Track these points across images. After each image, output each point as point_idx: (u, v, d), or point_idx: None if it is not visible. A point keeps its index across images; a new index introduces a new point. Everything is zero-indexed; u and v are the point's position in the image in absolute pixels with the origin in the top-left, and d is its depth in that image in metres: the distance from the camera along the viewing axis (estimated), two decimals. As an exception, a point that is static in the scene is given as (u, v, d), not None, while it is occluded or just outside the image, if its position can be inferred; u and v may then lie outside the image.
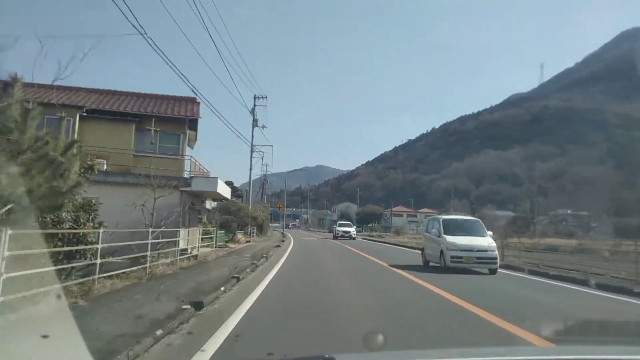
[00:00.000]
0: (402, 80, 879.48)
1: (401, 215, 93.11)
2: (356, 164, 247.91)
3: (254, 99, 42.87)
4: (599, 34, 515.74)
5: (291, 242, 34.07)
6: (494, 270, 14.56)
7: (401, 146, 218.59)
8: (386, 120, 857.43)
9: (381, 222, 73.75)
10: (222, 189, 20.25)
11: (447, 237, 15.00)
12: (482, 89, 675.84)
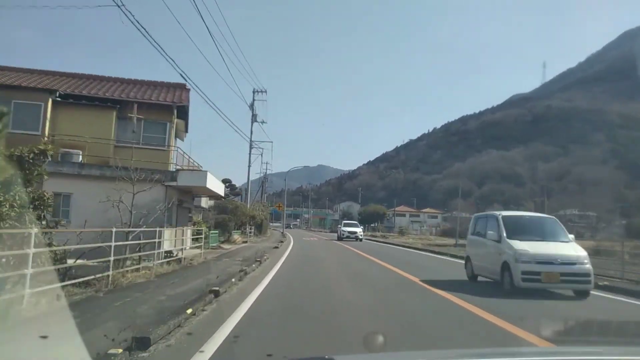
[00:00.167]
0: (404, 80, 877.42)
1: (404, 215, 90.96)
2: (357, 164, 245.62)
3: (253, 93, 40.82)
4: (601, 33, 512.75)
5: (290, 242, 31.92)
6: (586, 292, 9.99)
7: (403, 146, 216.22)
8: (387, 120, 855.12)
9: (384, 222, 71.51)
10: (212, 185, 18.12)
11: (515, 243, 10.35)
12: (484, 89, 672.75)
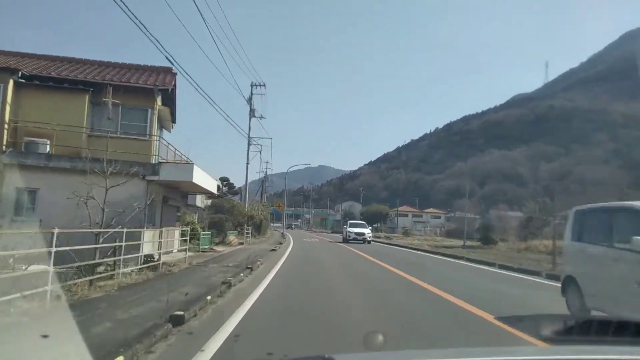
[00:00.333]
0: (405, 79, 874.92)
1: (406, 215, 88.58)
2: (359, 164, 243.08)
3: (251, 86, 38.65)
4: (603, 34, 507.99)
5: (290, 244, 29.65)
6: None
7: (404, 146, 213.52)
8: (389, 120, 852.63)
9: (386, 222, 69.12)
10: (200, 180, 15.87)
11: None
12: (486, 89, 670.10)
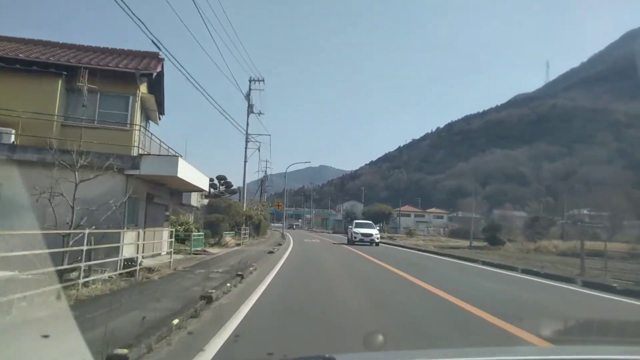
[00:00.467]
0: (406, 79, 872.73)
1: (408, 215, 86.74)
2: (360, 164, 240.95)
3: (250, 82, 36.91)
4: (604, 33, 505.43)
5: (289, 246, 27.91)
6: None
7: (405, 146, 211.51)
8: (390, 120, 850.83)
9: (389, 222, 67.30)
10: (188, 175, 14.14)
11: None
12: (487, 89, 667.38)
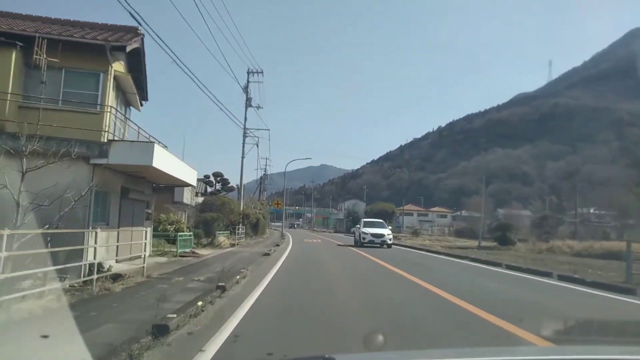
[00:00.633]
0: (407, 78, 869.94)
1: (411, 214, 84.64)
2: (361, 163, 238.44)
3: (248, 74, 34.90)
4: (607, 32, 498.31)
5: (288, 247, 25.83)
6: None
7: (407, 145, 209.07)
8: (391, 119, 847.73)
9: (392, 221, 65.08)
10: (167, 166, 12.08)
11: None
12: (488, 89, 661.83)
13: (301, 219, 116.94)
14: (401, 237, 46.12)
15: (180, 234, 16.75)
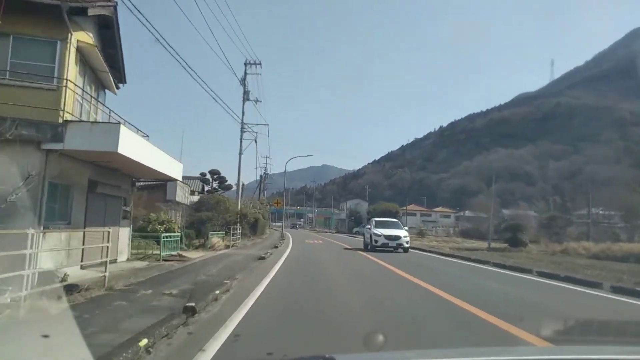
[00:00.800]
0: (407, 78, 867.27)
1: (414, 214, 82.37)
2: (362, 163, 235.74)
3: (245, 65, 32.75)
4: (608, 32, 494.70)
5: (287, 248, 23.69)
6: None
7: (408, 145, 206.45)
8: (392, 119, 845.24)
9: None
10: (138, 153, 9.96)
11: None
12: (489, 89, 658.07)
13: (302, 219, 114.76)
14: (406, 237, 43.89)
15: (164, 234, 14.61)
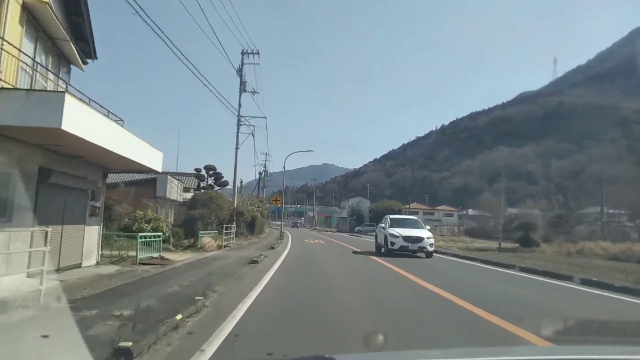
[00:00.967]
0: (408, 77, 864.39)
1: (417, 212, 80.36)
2: (363, 162, 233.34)
3: (242, 55, 30.77)
4: (611, 31, 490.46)
5: (286, 248, 21.74)
6: None
7: (410, 143, 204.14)
8: (393, 118, 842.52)
9: (398, 220, 60.84)
10: (96, 134, 8.00)
11: None
12: (491, 88, 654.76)
13: (303, 218, 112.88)
14: (411, 237, 41.88)
15: (141, 234, 12.67)
